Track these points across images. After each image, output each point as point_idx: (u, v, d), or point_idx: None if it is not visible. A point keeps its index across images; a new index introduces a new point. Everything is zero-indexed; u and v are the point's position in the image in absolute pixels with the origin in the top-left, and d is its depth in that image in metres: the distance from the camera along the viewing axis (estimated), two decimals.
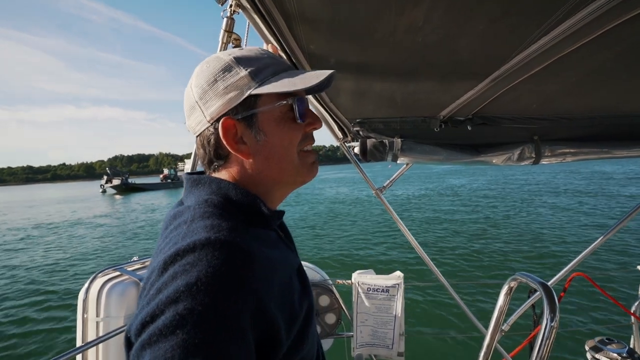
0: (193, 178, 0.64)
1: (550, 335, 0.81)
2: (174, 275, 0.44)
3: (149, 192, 53.47)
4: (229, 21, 0.95)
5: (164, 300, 0.42)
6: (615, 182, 23.97)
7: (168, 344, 0.39)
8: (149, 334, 0.41)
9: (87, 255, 11.70)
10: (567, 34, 0.71)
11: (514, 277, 1.10)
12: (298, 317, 0.58)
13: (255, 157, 0.61)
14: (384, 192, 2.11)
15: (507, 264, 7.78)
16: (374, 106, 1.43)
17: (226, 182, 0.61)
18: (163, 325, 0.41)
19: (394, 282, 2.04)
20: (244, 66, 0.59)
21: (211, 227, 0.50)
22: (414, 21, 0.70)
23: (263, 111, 0.60)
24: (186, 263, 0.45)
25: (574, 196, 18.39)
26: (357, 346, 2.06)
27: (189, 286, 0.42)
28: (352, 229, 13.28)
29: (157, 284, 0.45)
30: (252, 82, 0.58)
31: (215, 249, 0.46)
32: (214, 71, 0.60)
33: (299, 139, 0.63)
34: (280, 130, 0.61)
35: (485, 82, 1.04)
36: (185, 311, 0.41)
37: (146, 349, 0.41)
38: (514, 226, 11.76)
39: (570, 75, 0.99)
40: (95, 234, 16.33)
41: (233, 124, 0.59)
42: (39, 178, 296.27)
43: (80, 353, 1.44)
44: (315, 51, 0.88)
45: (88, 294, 1.51)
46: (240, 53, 0.62)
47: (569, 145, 1.65)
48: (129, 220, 20.79)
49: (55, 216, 25.66)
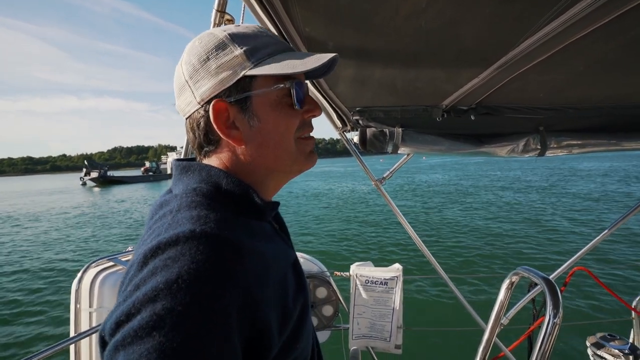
0: (182, 164, 0.59)
1: (553, 331, 0.79)
2: (153, 271, 0.41)
3: (128, 185, 54.55)
4: (221, 0, 0.90)
5: (141, 298, 0.39)
6: (618, 178, 23.93)
7: (143, 347, 0.36)
8: (122, 335, 0.38)
9: (46, 246, 11.94)
10: (576, 20, 0.67)
11: (516, 271, 1.07)
12: (292, 315, 0.54)
13: (248, 143, 0.57)
14: (383, 183, 2.07)
15: (507, 257, 7.79)
16: (374, 94, 1.39)
17: (217, 170, 0.57)
18: (139, 325, 0.37)
19: (393, 274, 2.01)
20: (239, 44, 0.54)
21: (197, 219, 0.46)
22: (416, 4, 0.66)
23: (258, 94, 0.55)
24: (167, 257, 0.41)
25: (576, 190, 18.38)
26: (354, 338, 2.05)
27: (169, 283, 0.39)
28: (351, 220, 13.31)
29: (135, 279, 0.42)
30: (247, 61, 0.54)
31: (200, 242, 0.43)
32: (207, 48, 0.55)
33: (296, 125, 0.59)
34: (276, 116, 0.57)
35: (490, 70, 1.00)
36: (163, 311, 0.37)
37: (119, 350, 0.37)
38: (514, 220, 11.77)
39: (578, 63, 0.95)
40: (61, 225, 16.71)
41: (225, 107, 0.55)
42: (38, 169, 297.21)
43: (73, 343, 1.43)
44: (313, 34, 0.84)
45: (81, 284, 1.50)
46: (236, 30, 0.57)
47: (576, 137, 1.61)
48: (99, 211, 21.75)
49: (25, 208, 26.39)
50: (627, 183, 20.87)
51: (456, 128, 1.68)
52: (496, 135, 1.71)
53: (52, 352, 1.28)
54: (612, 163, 39.05)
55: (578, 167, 35.33)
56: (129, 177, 63.73)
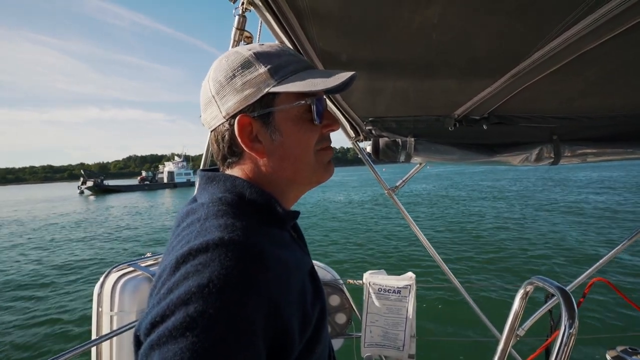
0: (207, 175, 0.62)
1: (569, 343, 0.78)
2: (185, 275, 0.43)
3: (123, 194, 55.96)
4: (240, 19, 0.95)
5: (175, 300, 0.41)
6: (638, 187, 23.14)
7: (177, 346, 0.39)
8: (158, 335, 0.40)
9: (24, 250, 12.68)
10: (590, 29, 0.68)
11: (531, 281, 1.07)
12: (311, 320, 0.56)
13: (270, 156, 0.60)
14: (396, 192, 2.08)
15: (523, 267, 7.60)
16: (386, 105, 1.41)
17: (241, 180, 0.60)
18: (173, 326, 0.40)
19: (406, 283, 2.01)
20: (264, 63, 0.58)
21: (225, 227, 0.49)
22: (428, 18, 0.68)
23: (280, 110, 0.58)
24: (198, 263, 0.44)
25: (596, 198, 17.85)
26: (366, 346, 2.05)
27: (201, 287, 0.41)
28: (364, 228, 13.22)
29: (168, 283, 0.45)
30: (270, 79, 0.57)
31: (228, 249, 0.45)
32: (233, 66, 0.58)
33: (316, 139, 0.61)
34: (297, 131, 0.60)
35: (502, 79, 1.01)
36: (195, 313, 0.40)
37: (155, 349, 0.40)
38: (531, 228, 11.50)
39: (592, 72, 0.95)
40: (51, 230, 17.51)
41: (249, 121, 0.58)
42: (57, 177, 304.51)
43: (95, 345, 1.48)
44: (327, 48, 0.87)
45: (103, 288, 1.54)
46: (260, 49, 0.60)
47: (591, 146, 1.58)
48: (87, 218, 23.10)
49: (19, 214, 27.85)
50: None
51: (468, 137, 1.68)
52: (509, 145, 1.70)
53: (75, 353, 1.33)
54: (631, 172, 37.81)
55: (595, 175, 34.35)
56: (125, 186, 65.60)
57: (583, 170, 41.03)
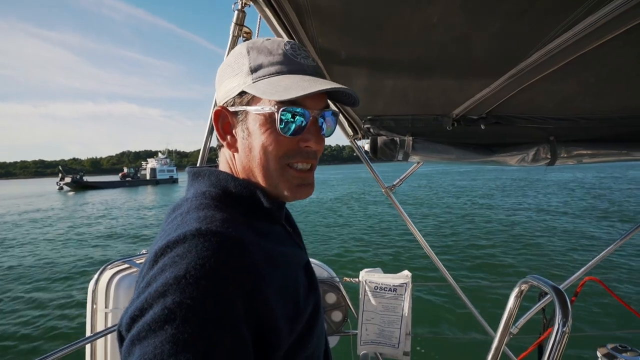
0: (194, 171, 0.63)
1: (562, 341, 0.78)
2: (163, 268, 0.43)
3: (102, 190, 55.50)
4: (240, 14, 0.94)
5: (153, 293, 0.41)
6: (632, 186, 23.40)
7: (157, 340, 0.39)
8: (138, 330, 0.40)
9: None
10: (588, 31, 0.68)
11: (525, 279, 1.07)
12: (302, 314, 0.57)
13: (240, 152, 0.60)
14: (393, 190, 2.08)
15: (517, 266, 7.67)
16: (385, 103, 1.41)
17: (225, 174, 0.60)
18: (152, 319, 0.40)
19: (402, 281, 2.02)
20: (251, 58, 0.57)
21: (204, 218, 0.49)
22: (428, 18, 0.68)
23: (252, 110, 0.56)
24: (175, 255, 0.44)
25: (588, 198, 18.02)
26: (362, 344, 2.05)
27: (178, 279, 0.41)
28: (361, 226, 13.24)
29: (147, 277, 0.45)
30: (247, 77, 0.56)
31: (205, 239, 0.45)
32: (233, 56, 0.60)
33: (284, 151, 0.57)
34: (262, 135, 0.56)
35: (501, 80, 1.01)
36: (173, 305, 0.40)
37: (136, 345, 0.40)
38: (525, 228, 11.59)
39: (590, 74, 0.96)
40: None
41: (225, 114, 0.59)
42: (48, 172, 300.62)
43: (89, 343, 1.47)
44: (327, 45, 0.87)
45: (97, 285, 1.53)
46: (258, 43, 0.59)
47: (587, 147, 1.60)
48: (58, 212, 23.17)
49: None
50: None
51: (466, 137, 1.69)
52: (506, 145, 1.71)
53: (69, 351, 1.32)
54: (625, 172, 38.22)
55: (588, 176, 34.66)
56: (104, 182, 64.86)
57: (578, 170, 41.40)
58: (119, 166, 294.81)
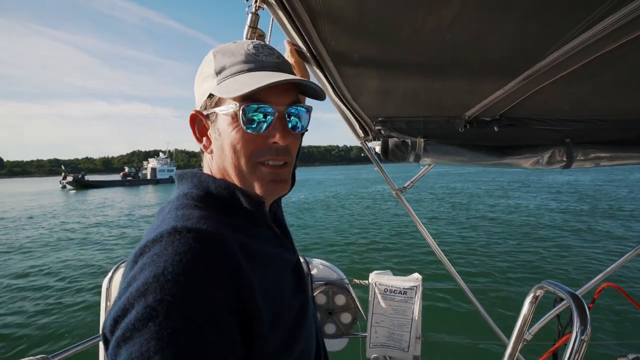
0: (179, 173, 0.65)
1: (580, 349, 0.76)
2: (142, 267, 0.44)
3: (103, 189, 56.93)
4: (253, 17, 0.95)
5: (134, 293, 0.42)
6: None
7: (142, 338, 0.39)
8: (122, 331, 0.41)
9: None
10: (608, 32, 0.66)
11: (541, 285, 1.05)
12: (287, 314, 0.57)
13: (215, 153, 0.62)
14: (404, 192, 2.07)
15: (531, 270, 7.51)
16: (397, 105, 1.40)
17: (206, 176, 0.62)
18: (135, 319, 0.40)
19: (412, 284, 2.00)
20: (216, 61, 0.59)
21: (180, 217, 0.50)
22: (442, 19, 0.68)
23: (219, 111, 0.59)
24: (154, 254, 0.45)
25: (607, 203, 17.55)
26: (372, 346, 2.04)
27: (157, 277, 0.42)
28: (371, 228, 13.17)
29: (127, 277, 0.46)
30: (213, 80, 0.58)
31: (180, 236, 0.46)
32: (204, 62, 0.62)
33: (252, 149, 0.58)
34: (230, 134, 0.57)
35: (515, 81, 1.00)
36: (155, 302, 0.40)
37: (121, 346, 0.40)
38: (540, 232, 11.35)
39: (608, 75, 0.93)
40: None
41: (199, 117, 0.61)
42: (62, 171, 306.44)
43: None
44: (339, 48, 0.87)
45: (111, 282, 1.57)
46: (223, 46, 0.62)
47: (604, 149, 1.56)
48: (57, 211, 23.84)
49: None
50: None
51: (479, 139, 1.67)
52: (520, 147, 1.67)
53: (84, 347, 1.35)
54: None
55: (609, 179, 33.79)
56: (106, 181, 66.53)
57: (596, 173, 40.39)
58: (129, 165, 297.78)
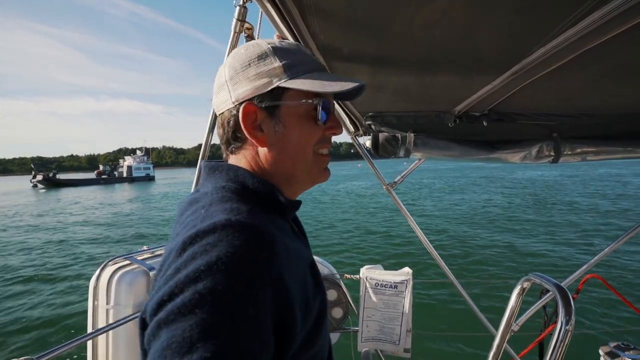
0: (210, 165, 0.64)
1: (565, 339, 0.78)
2: (193, 255, 0.44)
3: (76, 187, 55.65)
4: (241, 10, 0.93)
5: (183, 279, 0.42)
6: (634, 185, 23.32)
7: (186, 323, 0.39)
8: (166, 312, 0.41)
9: None
10: (593, 27, 0.67)
11: (528, 277, 1.07)
12: (312, 310, 0.58)
13: (270, 147, 0.62)
14: (394, 187, 2.08)
15: (519, 263, 7.67)
16: (387, 100, 1.40)
17: (243, 170, 0.61)
18: (182, 303, 0.40)
19: (403, 278, 2.02)
20: (280, 57, 0.60)
21: (230, 210, 0.50)
22: (431, 15, 0.67)
23: (287, 105, 0.61)
24: (206, 243, 0.45)
25: (590, 197, 17.98)
26: (363, 340, 2.06)
27: (209, 265, 0.42)
28: (362, 223, 13.25)
29: (175, 264, 0.45)
30: (283, 74, 0.59)
31: (235, 230, 0.46)
32: (250, 56, 0.61)
33: (316, 139, 0.64)
34: (300, 127, 0.62)
35: (504, 76, 1.00)
36: (205, 290, 0.40)
37: (162, 327, 0.40)
38: (527, 226, 11.58)
39: (595, 70, 0.94)
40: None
41: (254, 110, 0.60)
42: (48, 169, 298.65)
43: (90, 339, 1.47)
44: (329, 42, 0.86)
45: (99, 281, 1.53)
46: (279, 44, 0.63)
47: (591, 144, 1.58)
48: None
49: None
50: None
51: (468, 134, 1.68)
52: (509, 142, 1.69)
53: (70, 347, 1.33)
54: (627, 170, 38.09)
55: (593, 173, 34.58)
56: (79, 180, 65.10)
57: (583, 167, 41.29)
58: (115, 162, 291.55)
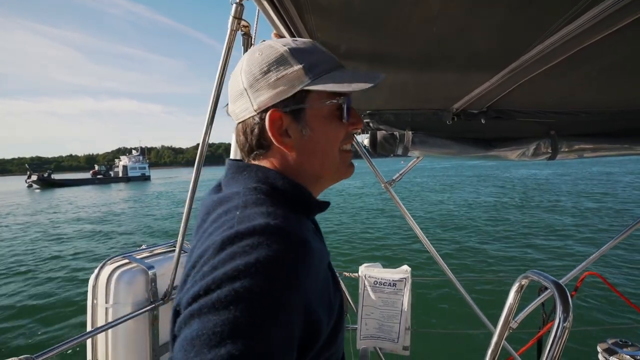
0: (238, 164, 0.64)
1: (563, 336, 0.78)
2: (232, 255, 0.44)
3: (71, 187, 55.73)
4: (238, 7, 0.93)
5: (221, 276, 0.42)
6: (633, 183, 23.38)
7: (219, 318, 0.40)
8: (200, 305, 0.42)
9: None
10: (590, 24, 0.67)
11: (526, 274, 1.07)
12: (334, 310, 0.58)
13: (298, 150, 0.62)
14: (393, 185, 2.08)
15: (517, 261, 7.69)
16: (385, 98, 1.40)
17: (273, 171, 0.61)
18: (217, 298, 0.41)
19: (401, 276, 2.02)
20: (298, 59, 0.59)
21: (268, 214, 0.51)
22: (428, 12, 0.67)
23: (312, 107, 0.60)
24: (245, 245, 0.45)
25: (589, 194, 18.02)
26: (362, 338, 2.06)
27: (248, 266, 0.42)
28: (360, 221, 13.26)
29: (212, 261, 0.46)
30: (305, 77, 0.58)
31: (275, 234, 0.47)
32: (268, 61, 0.59)
33: (342, 137, 0.64)
34: (327, 127, 0.62)
35: (501, 74, 1.00)
36: (241, 289, 0.41)
37: (194, 318, 0.41)
38: (525, 223, 11.60)
39: (592, 67, 0.94)
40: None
41: (280, 116, 0.59)
42: (44, 169, 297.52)
43: (90, 338, 1.47)
44: (326, 40, 0.86)
45: (98, 280, 1.54)
46: (295, 45, 0.61)
47: (588, 141, 1.58)
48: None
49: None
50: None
51: (466, 132, 1.68)
52: (506, 139, 1.69)
53: (70, 345, 1.33)
54: (626, 167, 38.16)
55: (591, 170, 34.65)
56: (74, 179, 65.23)
57: (580, 165, 41.38)
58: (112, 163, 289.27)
